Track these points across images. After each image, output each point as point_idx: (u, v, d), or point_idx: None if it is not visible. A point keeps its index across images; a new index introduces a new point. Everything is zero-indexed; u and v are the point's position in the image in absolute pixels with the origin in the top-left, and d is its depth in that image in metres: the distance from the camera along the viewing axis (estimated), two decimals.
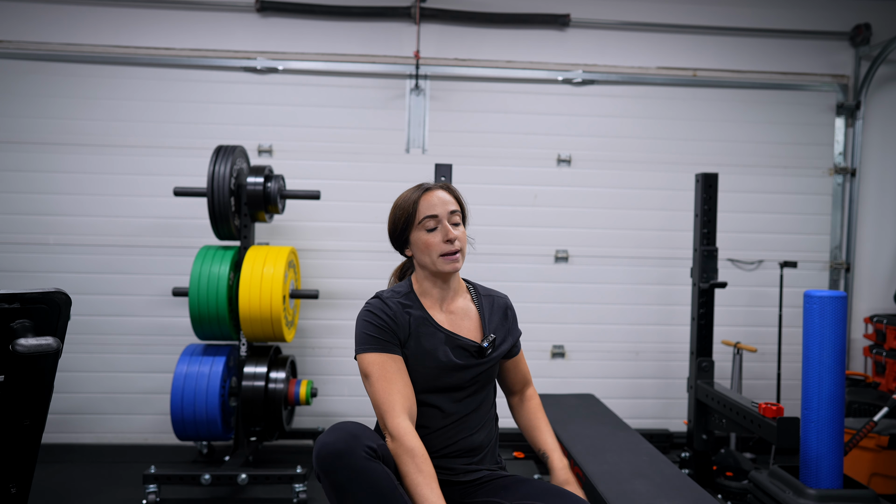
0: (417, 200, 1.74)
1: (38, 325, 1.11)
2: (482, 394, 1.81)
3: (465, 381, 1.75)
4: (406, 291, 1.79)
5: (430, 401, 1.73)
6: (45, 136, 3.88)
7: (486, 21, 4.02)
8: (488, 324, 1.83)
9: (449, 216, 1.74)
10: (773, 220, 4.20)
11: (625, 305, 4.15)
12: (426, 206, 1.73)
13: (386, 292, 1.78)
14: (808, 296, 2.43)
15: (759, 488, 2.59)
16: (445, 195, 1.76)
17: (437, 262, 1.73)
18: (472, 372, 1.76)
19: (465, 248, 1.76)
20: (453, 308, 1.81)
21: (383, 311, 1.71)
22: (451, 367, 1.73)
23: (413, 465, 1.56)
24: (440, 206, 1.74)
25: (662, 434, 3.88)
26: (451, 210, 1.75)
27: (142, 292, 3.93)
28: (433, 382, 1.73)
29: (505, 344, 1.84)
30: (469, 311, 1.83)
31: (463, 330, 1.79)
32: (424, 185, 1.78)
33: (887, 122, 4.24)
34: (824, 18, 4.19)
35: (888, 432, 3.13)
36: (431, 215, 1.72)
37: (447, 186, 1.80)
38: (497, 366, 1.85)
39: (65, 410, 3.88)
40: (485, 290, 1.91)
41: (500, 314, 1.87)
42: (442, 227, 1.73)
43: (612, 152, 4.14)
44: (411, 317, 1.74)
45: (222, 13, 3.96)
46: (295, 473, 3.03)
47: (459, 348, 1.75)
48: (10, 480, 1.16)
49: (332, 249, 4.02)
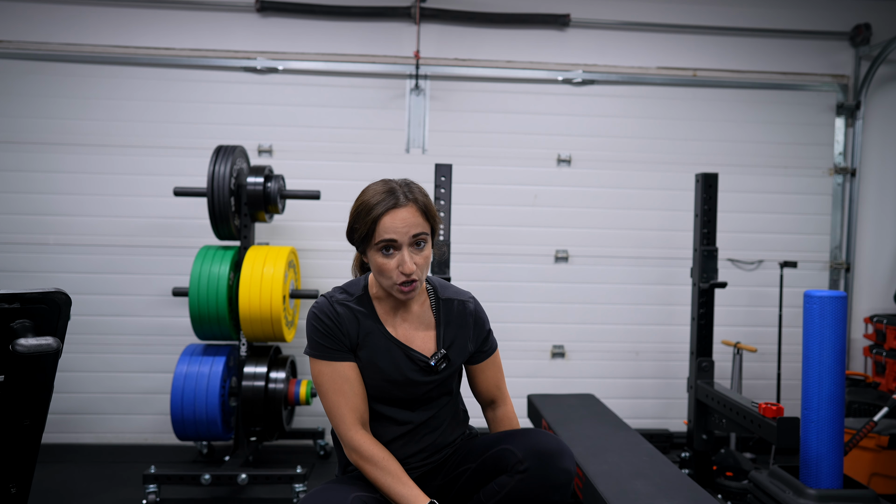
0: (377, 220, 1.53)
1: (38, 325, 1.11)
2: (439, 400, 1.73)
3: (417, 395, 1.67)
4: (359, 294, 1.67)
5: (382, 411, 1.67)
6: (45, 136, 3.88)
7: (486, 21, 4.02)
8: (444, 335, 1.70)
9: (411, 240, 1.55)
10: (773, 220, 4.20)
11: (625, 305, 4.15)
12: (385, 228, 1.53)
13: (337, 292, 1.67)
14: (807, 296, 2.43)
15: (759, 488, 2.59)
16: (410, 215, 1.55)
17: (392, 289, 1.59)
18: (423, 388, 1.67)
19: (425, 272, 1.61)
20: (408, 316, 1.69)
21: (329, 317, 1.62)
22: (402, 383, 1.65)
23: (377, 470, 1.56)
24: (402, 229, 1.54)
25: (662, 434, 3.88)
26: (415, 234, 1.55)
27: (142, 292, 3.93)
28: (384, 394, 1.66)
29: (461, 356, 1.72)
30: (425, 318, 1.71)
31: (417, 341, 1.68)
32: (390, 199, 1.55)
33: (887, 122, 4.24)
34: (824, 18, 4.19)
35: (888, 432, 3.13)
36: (389, 240, 1.54)
37: (416, 199, 1.57)
38: (453, 376, 1.75)
39: (65, 410, 3.87)
40: (447, 291, 1.76)
41: (460, 321, 1.72)
42: (399, 255, 1.55)
43: (612, 152, 4.14)
44: (360, 325, 1.63)
45: (222, 13, 3.96)
46: (295, 473, 3.03)
47: (411, 361, 1.65)
48: (9, 480, 1.16)
49: (332, 249, 4.02)
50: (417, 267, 1.57)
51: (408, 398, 1.67)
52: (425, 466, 1.72)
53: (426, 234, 1.59)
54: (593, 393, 3.87)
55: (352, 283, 1.72)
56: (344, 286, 1.70)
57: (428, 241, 1.61)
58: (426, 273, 1.64)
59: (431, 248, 1.65)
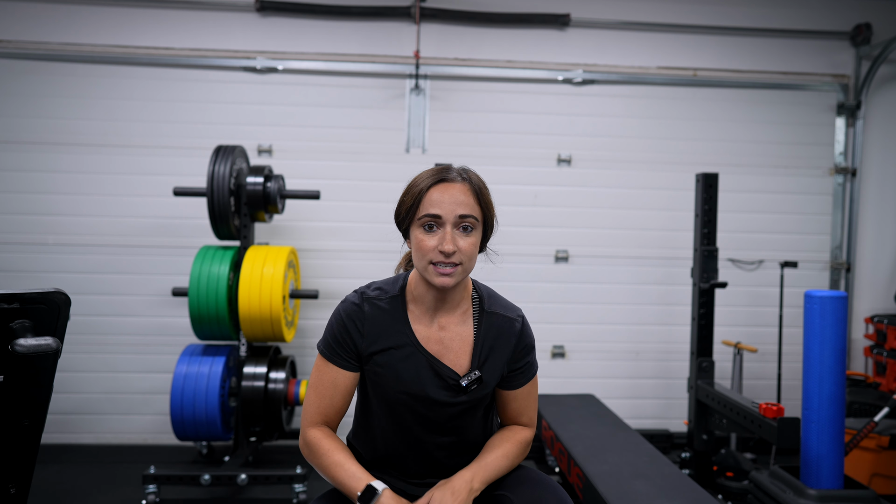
0: (425, 191, 1.42)
1: (37, 325, 1.10)
2: (466, 426, 1.55)
3: (442, 417, 1.51)
4: (395, 294, 1.52)
5: (398, 423, 1.53)
6: (44, 135, 3.88)
7: (486, 21, 4.02)
8: (480, 352, 1.51)
9: (457, 220, 1.42)
10: (774, 220, 4.19)
11: (625, 305, 4.14)
12: (431, 201, 1.42)
13: (371, 288, 1.54)
14: (808, 296, 2.43)
15: (760, 489, 2.58)
16: (461, 194, 1.43)
17: (427, 270, 1.42)
18: (451, 410, 1.50)
19: (469, 261, 1.44)
20: (445, 323, 1.51)
21: (354, 319, 1.49)
22: (426, 401, 1.49)
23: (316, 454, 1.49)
24: (448, 205, 1.41)
25: (663, 434, 3.88)
26: (461, 214, 1.41)
27: (141, 292, 3.92)
28: (404, 408, 1.51)
29: (495, 378, 1.53)
30: (463, 330, 1.52)
31: (450, 355, 1.50)
32: (443, 174, 1.45)
33: (888, 122, 4.23)
34: (825, 18, 4.19)
35: (889, 432, 3.12)
36: (433, 214, 1.41)
37: (470, 180, 1.46)
38: (487, 397, 1.55)
39: (64, 410, 3.87)
40: (494, 304, 1.56)
41: (500, 339, 1.53)
42: (441, 232, 1.41)
43: (612, 152, 4.13)
44: (387, 327, 1.49)
45: (222, 13, 3.96)
46: (295, 474, 3.03)
47: (437, 376, 1.48)
48: (9, 481, 1.16)
49: (332, 249, 4.01)
50: (460, 250, 1.41)
51: (431, 419, 1.51)
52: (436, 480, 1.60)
53: (475, 219, 1.44)
54: (593, 393, 3.87)
55: (391, 279, 1.57)
56: (382, 282, 1.56)
57: (477, 229, 1.45)
58: (471, 264, 1.46)
59: (481, 241, 1.50)
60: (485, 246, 1.55)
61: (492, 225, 1.51)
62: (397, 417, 1.53)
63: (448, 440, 1.55)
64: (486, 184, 1.51)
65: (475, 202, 1.45)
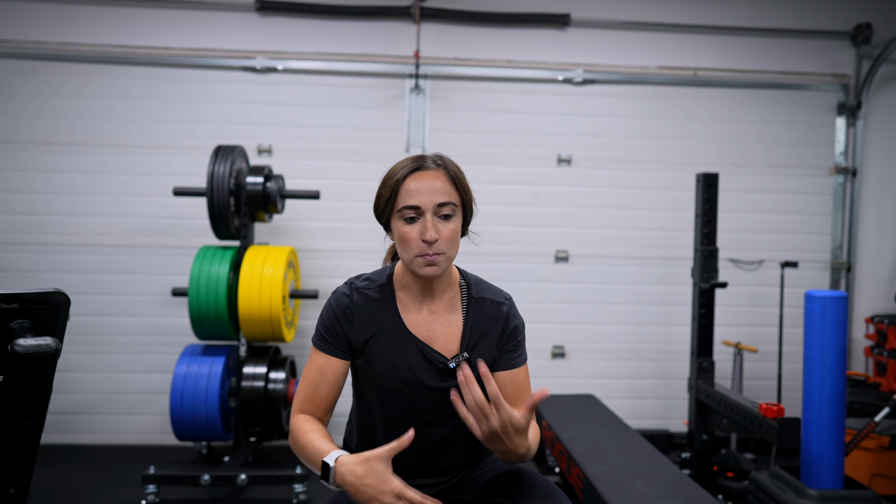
0: (401, 181, 1.43)
1: (36, 325, 1.10)
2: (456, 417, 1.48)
3: (434, 405, 1.51)
4: (382, 282, 1.54)
5: (394, 415, 1.52)
6: (44, 135, 3.87)
7: (486, 20, 4.02)
8: (470, 337, 1.52)
9: (436, 209, 1.42)
10: (774, 220, 4.19)
11: (625, 305, 4.14)
12: (409, 191, 1.42)
13: (361, 279, 1.55)
14: (808, 296, 2.42)
15: (760, 489, 2.58)
16: (438, 181, 1.43)
17: (413, 263, 1.44)
18: (443, 397, 1.48)
19: (452, 248, 1.45)
20: (434, 310, 1.53)
21: (344, 309, 1.50)
22: (417, 387, 1.50)
23: (294, 437, 1.47)
24: (426, 194, 1.41)
25: (663, 434, 3.88)
26: (440, 202, 1.42)
27: (141, 292, 3.92)
28: (397, 397, 1.51)
29: (484, 361, 1.48)
30: (452, 315, 1.54)
31: (439, 340, 1.51)
32: (418, 162, 1.45)
33: (888, 122, 4.23)
34: (825, 18, 4.18)
35: (889, 433, 3.12)
36: (412, 206, 1.41)
37: (445, 166, 1.46)
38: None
39: (64, 411, 3.87)
40: (482, 289, 1.58)
41: (488, 323, 1.53)
42: (422, 221, 1.42)
43: (612, 152, 4.13)
44: (376, 315, 1.50)
45: (222, 13, 3.95)
46: (295, 474, 3.03)
47: (426, 360, 1.50)
48: (8, 481, 1.16)
49: (332, 249, 4.01)
50: (442, 238, 1.42)
51: (425, 407, 1.52)
52: (432, 488, 1.60)
53: (454, 205, 1.44)
54: (593, 393, 3.87)
55: (379, 270, 1.59)
56: (371, 273, 1.58)
57: (457, 215, 1.45)
58: (454, 250, 1.46)
59: (462, 226, 1.50)
60: (466, 230, 1.56)
61: (471, 208, 1.52)
62: (390, 410, 1.53)
63: (441, 433, 1.55)
64: (460, 168, 1.51)
65: (452, 188, 1.45)
